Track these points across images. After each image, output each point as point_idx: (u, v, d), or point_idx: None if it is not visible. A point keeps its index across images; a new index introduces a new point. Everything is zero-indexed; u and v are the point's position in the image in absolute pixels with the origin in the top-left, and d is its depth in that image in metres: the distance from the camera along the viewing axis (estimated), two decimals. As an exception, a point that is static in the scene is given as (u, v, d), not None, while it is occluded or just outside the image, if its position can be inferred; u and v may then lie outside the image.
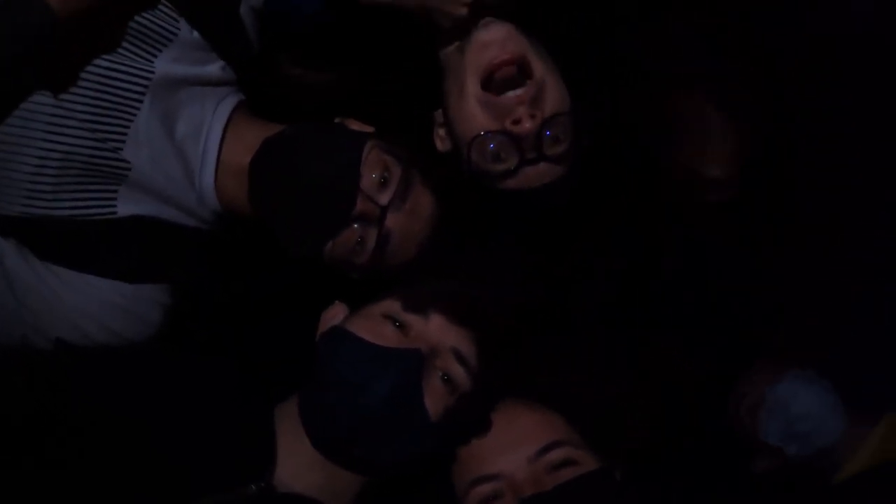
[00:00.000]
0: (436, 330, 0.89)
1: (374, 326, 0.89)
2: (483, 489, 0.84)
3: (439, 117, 1.02)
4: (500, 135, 0.93)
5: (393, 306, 0.91)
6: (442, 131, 1.03)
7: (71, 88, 0.86)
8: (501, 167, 0.95)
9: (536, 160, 0.94)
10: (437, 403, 0.86)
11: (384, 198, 0.96)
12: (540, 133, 0.93)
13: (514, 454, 0.85)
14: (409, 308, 0.90)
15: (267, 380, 0.92)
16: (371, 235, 0.96)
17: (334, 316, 0.96)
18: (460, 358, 0.88)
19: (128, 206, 0.96)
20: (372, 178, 0.95)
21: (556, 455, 0.84)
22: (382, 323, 0.89)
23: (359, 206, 0.94)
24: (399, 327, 0.89)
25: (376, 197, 0.95)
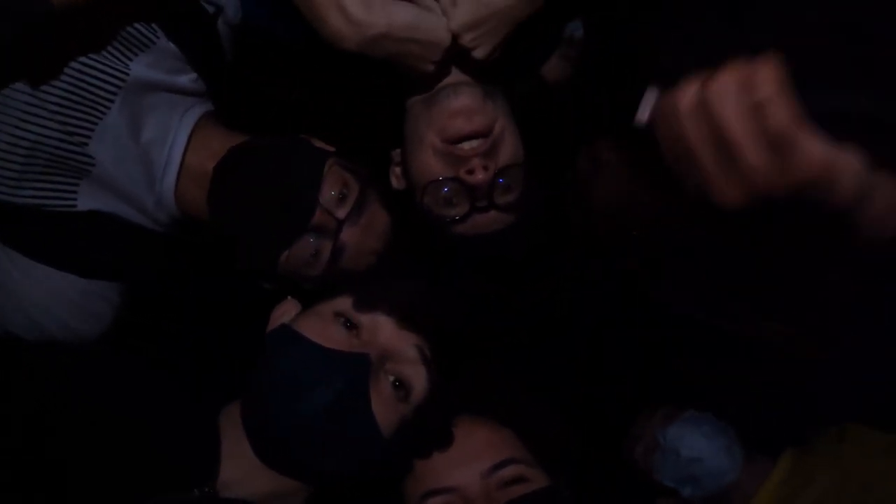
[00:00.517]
0: (389, 332, 0.88)
1: (324, 327, 0.87)
2: (435, 502, 0.83)
3: (396, 157, 1.05)
4: (454, 182, 0.95)
5: (344, 304, 0.89)
6: (398, 170, 1.05)
7: (48, 79, 0.90)
8: (452, 212, 0.97)
9: (487, 208, 0.96)
10: (387, 411, 0.84)
11: (341, 212, 0.98)
12: (492, 183, 0.95)
13: (468, 469, 0.84)
14: (362, 307, 0.88)
15: (216, 382, 0.91)
16: (326, 248, 0.98)
17: (285, 313, 0.94)
18: (413, 362, 0.87)
19: (87, 201, 0.97)
20: (331, 193, 0.97)
21: (509, 472, 0.84)
22: (332, 323, 0.87)
23: (316, 218, 0.96)
24: (350, 328, 0.87)
25: (334, 210, 0.97)
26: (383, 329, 0.88)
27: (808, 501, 1.17)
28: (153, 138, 1.00)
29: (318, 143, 1.06)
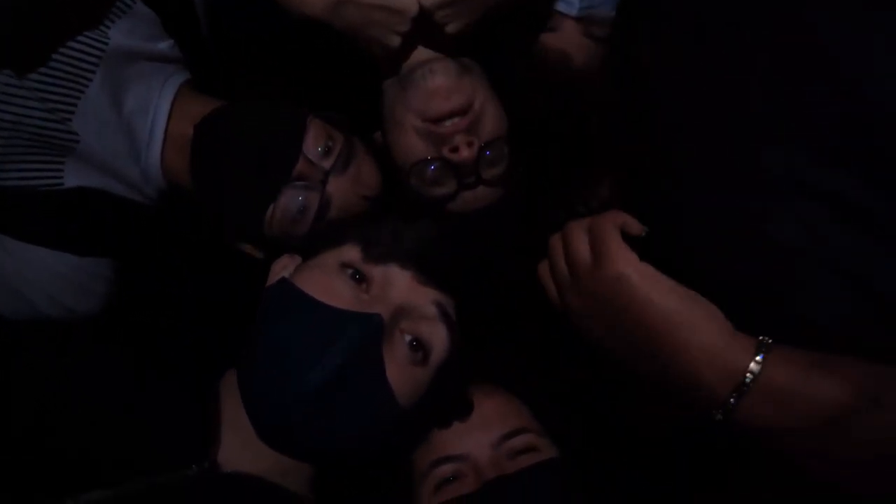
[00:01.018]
0: (404, 286, 0.78)
1: (328, 281, 0.77)
2: (445, 469, 0.80)
3: (379, 139, 1.03)
4: (438, 162, 0.93)
5: (352, 254, 0.79)
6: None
7: (27, 55, 0.88)
8: (440, 191, 0.95)
9: (475, 184, 0.95)
10: (404, 376, 0.75)
11: (327, 163, 0.95)
12: (478, 158, 0.93)
13: (479, 437, 0.81)
14: (372, 258, 0.78)
15: (216, 346, 0.86)
16: (313, 201, 0.95)
17: (284, 267, 0.85)
18: (432, 320, 0.77)
19: (74, 178, 0.96)
20: (315, 145, 0.95)
21: (520, 441, 0.81)
22: (338, 275, 0.77)
23: (300, 168, 0.93)
24: (358, 280, 0.77)
25: (319, 161, 0.95)
26: (397, 283, 0.78)
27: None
28: (135, 109, 0.99)
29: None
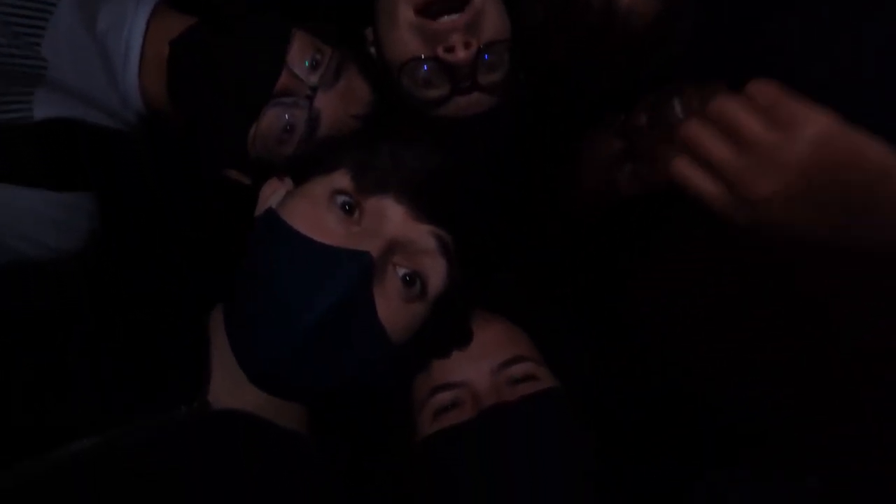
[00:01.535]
0: (399, 219, 0.74)
1: (317, 213, 0.73)
2: (444, 397, 0.80)
3: (370, 35, 0.97)
4: (432, 62, 0.87)
5: (343, 180, 0.76)
6: (372, 50, 0.98)
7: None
8: (433, 94, 0.90)
9: (469, 89, 0.90)
10: (397, 314, 0.73)
11: (314, 77, 0.90)
12: (475, 62, 0.87)
13: (478, 364, 0.81)
14: (365, 187, 0.74)
15: (203, 285, 0.83)
16: (299, 118, 0.90)
17: (274, 192, 0.81)
18: (431, 254, 0.75)
19: (45, 108, 0.90)
20: (300, 57, 0.90)
21: (520, 369, 0.81)
22: (327, 206, 0.74)
23: (284, 81, 0.89)
24: (349, 211, 0.74)
25: (305, 76, 0.90)
26: (392, 217, 0.74)
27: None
28: (109, 28, 0.94)
29: None
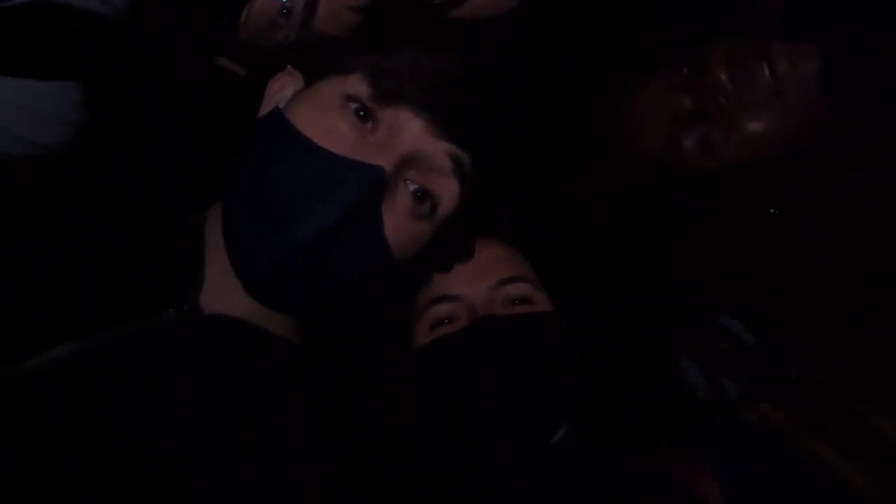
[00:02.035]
0: (416, 133, 0.70)
1: (328, 118, 0.69)
2: (440, 309, 0.82)
3: None
4: None
5: (359, 86, 0.70)
6: None
7: None
8: None
9: None
10: (403, 231, 0.70)
11: None
12: None
13: (476, 280, 0.83)
14: (382, 95, 0.69)
15: (197, 182, 0.79)
16: (297, 1, 0.84)
17: (282, 88, 0.75)
18: (445, 174, 0.71)
19: None
20: None
21: (516, 289, 0.83)
22: (340, 110, 0.69)
23: None
24: (363, 118, 0.69)
25: None
26: (408, 130, 0.70)
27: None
28: None
29: None
